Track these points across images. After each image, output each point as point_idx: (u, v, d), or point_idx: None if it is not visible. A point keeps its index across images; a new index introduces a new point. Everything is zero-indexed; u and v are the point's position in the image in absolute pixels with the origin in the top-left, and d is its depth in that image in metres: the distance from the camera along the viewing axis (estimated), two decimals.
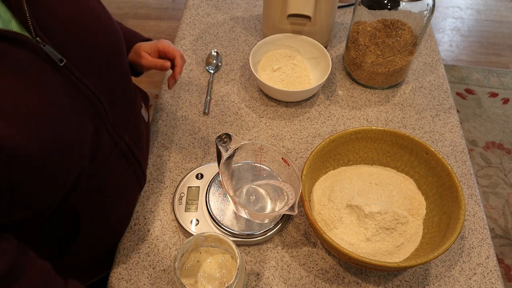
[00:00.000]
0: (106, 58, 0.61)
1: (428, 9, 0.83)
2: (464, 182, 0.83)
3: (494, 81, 2.22)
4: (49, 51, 0.51)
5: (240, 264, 0.58)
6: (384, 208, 0.69)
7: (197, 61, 1.03)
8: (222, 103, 0.94)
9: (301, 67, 0.97)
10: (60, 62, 0.52)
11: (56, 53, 0.51)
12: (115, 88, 0.64)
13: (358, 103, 0.95)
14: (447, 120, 0.93)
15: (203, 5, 1.16)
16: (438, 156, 0.72)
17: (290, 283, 0.70)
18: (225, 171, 0.69)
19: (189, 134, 0.89)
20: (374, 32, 0.88)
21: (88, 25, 0.58)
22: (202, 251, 0.64)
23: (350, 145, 0.78)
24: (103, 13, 0.62)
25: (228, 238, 0.61)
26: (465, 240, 0.76)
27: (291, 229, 0.76)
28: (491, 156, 1.91)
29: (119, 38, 0.65)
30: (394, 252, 0.69)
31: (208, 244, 0.63)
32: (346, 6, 1.16)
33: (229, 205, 0.75)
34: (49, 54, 0.51)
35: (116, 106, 0.64)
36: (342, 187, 0.73)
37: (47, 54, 0.50)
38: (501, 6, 2.67)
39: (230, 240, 0.60)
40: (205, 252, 0.64)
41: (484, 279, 0.71)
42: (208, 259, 0.63)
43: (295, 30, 0.97)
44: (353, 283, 0.71)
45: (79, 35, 0.56)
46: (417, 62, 1.04)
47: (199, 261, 0.63)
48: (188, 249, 0.62)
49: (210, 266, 0.63)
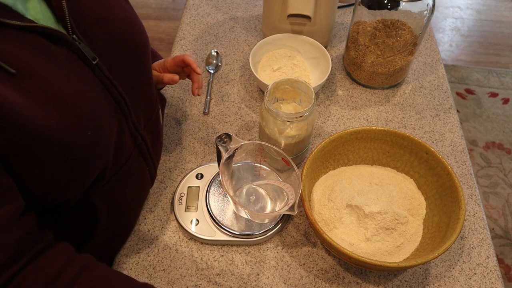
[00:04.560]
0: (133, 59, 0.62)
1: (428, 9, 0.83)
2: (464, 182, 0.83)
3: (494, 81, 2.22)
4: (84, 49, 0.52)
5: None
6: (384, 208, 0.69)
7: (197, 61, 1.03)
8: (222, 103, 0.94)
9: (301, 67, 0.97)
10: (93, 60, 0.53)
11: (91, 52, 0.53)
12: (140, 89, 0.65)
13: (358, 103, 0.95)
14: (447, 120, 0.93)
15: (203, 5, 1.16)
16: (438, 156, 0.72)
17: (290, 283, 0.70)
18: (225, 171, 0.69)
19: (189, 134, 0.89)
20: (374, 32, 0.88)
21: (119, 25, 0.59)
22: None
23: (350, 145, 0.78)
24: (132, 14, 0.64)
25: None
26: (465, 240, 0.76)
27: (291, 229, 0.76)
28: (491, 156, 1.91)
29: (146, 39, 0.66)
30: (394, 252, 0.69)
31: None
32: (346, 6, 1.16)
33: (229, 205, 0.75)
34: (84, 51, 0.52)
35: (139, 106, 0.65)
36: (342, 187, 0.73)
37: (82, 51, 0.52)
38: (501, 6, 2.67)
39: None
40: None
41: (484, 279, 0.71)
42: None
43: (295, 30, 0.97)
44: (353, 283, 0.71)
45: (110, 35, 0.57)
46: (417, 62, 1.04)
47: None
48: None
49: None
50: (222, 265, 0.72)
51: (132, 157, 0.64)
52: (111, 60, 0.57)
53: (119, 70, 0.59)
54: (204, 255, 0.73)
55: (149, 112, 0.71)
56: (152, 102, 0.72)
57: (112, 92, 0.57)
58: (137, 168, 0.67)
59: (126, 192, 0.67)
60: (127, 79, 0.61)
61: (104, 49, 0.56)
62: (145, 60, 0.66)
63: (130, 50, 0.61)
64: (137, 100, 0.64)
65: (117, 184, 0.63)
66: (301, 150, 0.80)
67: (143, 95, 0.67)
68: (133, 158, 0.65)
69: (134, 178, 0.67)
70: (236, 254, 0.73)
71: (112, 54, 0.58)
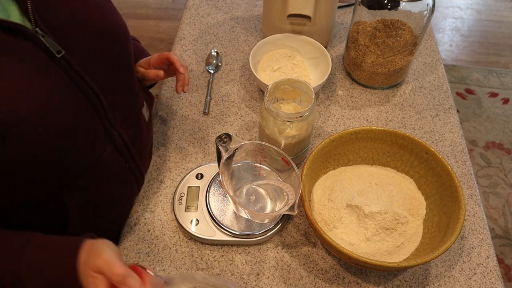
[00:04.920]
0: (108, 53, 0.61)
1: (428, 9, 0.83)
2: (464, 182, 0.83)
3: (494, 81, 2.22)
4: (48, 42, 0.51)
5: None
6: (384, 208, 0.69)
7: (197, 61, 1.03)
8: (222, 103, 0.94)
9: (301, 67, 0.97)
10: (58, 53, 0.52)
11: (56, 45, 0.52)
12: (116, 83, 0.64)
13: (358, 103, 0.95)
14: (447, 120, 0.93)
15: (203, 5, 1.16)
16: (438, 156, 0.72)
17: (290, 283, 0.70)
18: (225, 171, 0.69)
19: (189, 134, 0.89)
20: (374, 32, 0.88)
21: (92, 19, 0.58)
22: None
23: (350, 145, 0.78)
24: (109, 8, 0.63)
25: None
26: (465, 240, 0.76)
27: (291, 229, 0.76)
28: (491, 156, 1.91)
29: (123, 33, 0.65)
30: (394, 252, 0.69)
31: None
32: (346, 6, 1.16)
33: (229, 205, 0.75)
34: (48, 45, 0.51)
35: (116, 101, 0.64)
36: (342, 187, 0.73)
37: (46, 45, 0.51)
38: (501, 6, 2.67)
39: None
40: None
41: (484, 279, 0.71)
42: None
43: (295, 30, 0.97)
44: (353, 283, 0.71)
45: (81, 29, 0.57)
46: (417, 62, 1.04)
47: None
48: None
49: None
50: (222, 265, 0.72)
51: (106, 153, 0.63)
52: (81, 54, 0.56)
53: (92, 64, 0.58)
54: (204, 255, 0.73)
55: (128, 107, 0.69)
56: (132, 97, 0.71)
57: (81, 86, 0.56)
58: (114, 165, 0.66)
59: (103, 189, 0.65)
60: (101, 73, 0.59)
61: (74, 42, 0.55)
62: (122, 53, 0.65)
63: (104, 43, 0.60)
64: (113, 94, 0.63)
65: (90, 180, 0.62)
66: (301, 150, 0.80)
67: (120, 89, 0.66)
68: (108, 155, 0.63)
69: (112, 175, 0.66)
70: (236, 254, 0.73)
71: (83, 47, 0.57)
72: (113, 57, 0.63)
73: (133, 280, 0.49)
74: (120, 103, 0.66)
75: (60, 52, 0.53)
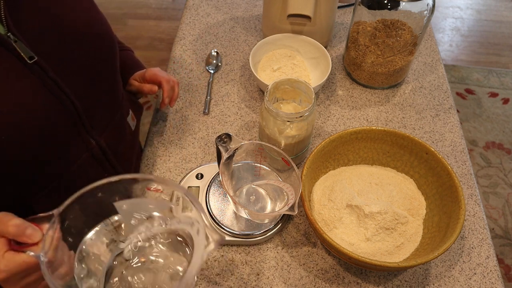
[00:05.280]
0: (89, 61, 0.60)
1: (428, 9, 0.83)
2: (464, 182, 0.83)
3: (494, 81, 2.22)
4: (21, 47, 0.51)
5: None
6: (384, 208, 0.69)
7: (197, 61, 1.03)
8: (222, 103, 0.94)
9: (301, 67, 0.97)
10: (30, 59, 0.51)
11: (28, 51, 0.51)
12: (96, 92, 0.63)
13: (358, 103, 0.95)
14: (447, 120, 0.93)
15: (203, 5, 1.16)
16: (438, 156, 0.72)
17: (290, 283, 0.70)
18: (225, 171, 0.69)
19: (189, 134, 0.89)
20: (374, 32, 0.88)
21: (71, 26, 0.57)
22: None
23: (350, 145, 0.78)
24: (93, 15, 0.61)
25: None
26: (465, 240, 0.76)
27: (291, 229, 0.76)
28: (491, 156, 1.91)
29: (107, 43, 0.63)
30: (394, 252, 0.69)
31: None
32: (346, 6, 1.16)
33: (229, 205, 0.75)
34: (19, 50, 0.51)
35: (95, 109, 0.62)
36: (342, 187, 0.73)
37: (18, 50, 0.51)
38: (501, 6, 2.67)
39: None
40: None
41: (484, 279, 0.71)
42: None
43: (295, 30, 0.97)
44: (353, 283, 0.71)
45: (60, 35, 0.55)
46: (417, 62, 1.04)
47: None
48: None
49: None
50: (222, 265, 0.72)
51: (82, 161, 0.62)
52: (59, 60, 0.55)
53: (70, 71, 0.56)
54: None
55: (109, 115, 0.68)
56: (114, 105, 0.69)
57: (55, 92, 0.55)
58: (91, 173, 0.65)
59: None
60: (79, 81, 0.58)
61: (51, 48, 0.54)
62: (106, 62, 0.63)
63: (85, 51, 0.59)
64: (93, 102, 0.62)
65: (63, 189, 0.60)
66: (301, 150, 0.80)
67: (101, 98, 0.64)
68: (83, 162, 0.62)
69: (88, 183, 0.65)
70: (236, 254, 0.73)
71: (61, 54, 0.56)
72: (95, 66, 0.61)
73: (31, 229, 0.44)
74: (101, 111, 0.64)
75: (33, 58, 0.52)
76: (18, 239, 0.44)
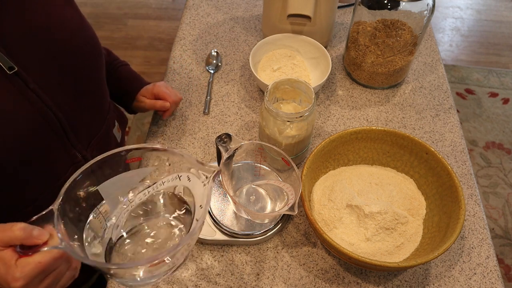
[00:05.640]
0: (73, 73, 0.59)
1: (428, 9, 0.83)
2: (464, 182, 0.83)
3: (494, 81, 2.22)
4: (0, 57, 0.50)
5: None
6: (384, 208, 0.69)
7: (197, 61, 1.03)
8: (222, 103, 0.94)
9: (301, 67, 0.97)
10: (10, 70, 0.50)
11: (8, 61, 0.50)
12: (81, 103, 0.61)
13: (358, 103, 0.95)
14: (447, 120, 0.93)
15: (203, 5, 1.16)
16: (438, 156, 0.72)
17: (290, 283, 0.70)
18: (225, 171, 0.69)
19: (189, 134, 0.89)
20: (374, 32, 0.88)
21: (55, 38, 0.56)
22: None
23: (350, 145, 0.78)
24: (78, 26, 0.60)
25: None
26: (465, 240, 0.76)
27: (291, 229, 0.76)
28: (491, 156, 1.91)
29: (93, 55, 0.62)
30: (394, 252, 0.69)
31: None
32: (346, 6, 1.16)
33: (229, 205, 0.75)
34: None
35: (80, 121, 0.61)
36: (342, 187, 0.73)
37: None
38: (501, 6, 2.67)
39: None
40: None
41: (484, 279, 0.71)
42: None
43: (295, 30, 0.97)
44: (353, 283, 0.71)
45: (42, 46, 0.54)
46: (417, 62, 1.04)
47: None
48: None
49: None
50: (222, 265, 0.72)
51: (68, 176, 0.60)
52: (40, 72, 0.54)
53: (52, 83, 0.55)
54: (204, 255, 0.73)
55: (95, 128, 0.67)
56: (100, 117, 0.68)
57: (36, 104, 0.53)
58: None
59: None
60: (62, 92, 0.57)
61: (32, 59, 0.53)
62: (91, 74, 0.62)
63: (69, 63, 0.57)
64: (77, 114, 0.60)
65: (49, 202, 0.60)
66: (301, 150, 0.80)
67: (87, 110, 0.63)
68: (70, 176, 0.62)
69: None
70: (236, 254, 0.73)
71: (43, 66, 0.54)
72: (79, 77, 0.60)
73: (37, 229, 0.44)
74: (86, 124, 0.63)
75: (13, 69, 0.50)
76: (26, 241, 0.43)
